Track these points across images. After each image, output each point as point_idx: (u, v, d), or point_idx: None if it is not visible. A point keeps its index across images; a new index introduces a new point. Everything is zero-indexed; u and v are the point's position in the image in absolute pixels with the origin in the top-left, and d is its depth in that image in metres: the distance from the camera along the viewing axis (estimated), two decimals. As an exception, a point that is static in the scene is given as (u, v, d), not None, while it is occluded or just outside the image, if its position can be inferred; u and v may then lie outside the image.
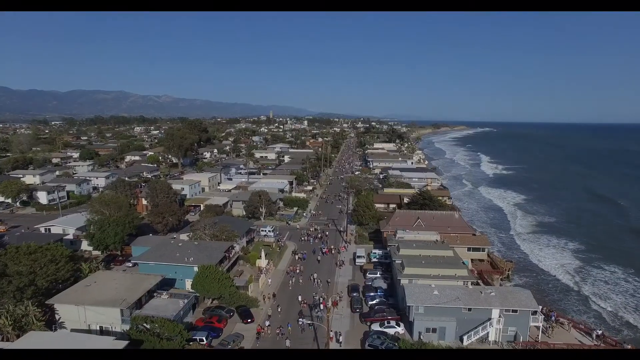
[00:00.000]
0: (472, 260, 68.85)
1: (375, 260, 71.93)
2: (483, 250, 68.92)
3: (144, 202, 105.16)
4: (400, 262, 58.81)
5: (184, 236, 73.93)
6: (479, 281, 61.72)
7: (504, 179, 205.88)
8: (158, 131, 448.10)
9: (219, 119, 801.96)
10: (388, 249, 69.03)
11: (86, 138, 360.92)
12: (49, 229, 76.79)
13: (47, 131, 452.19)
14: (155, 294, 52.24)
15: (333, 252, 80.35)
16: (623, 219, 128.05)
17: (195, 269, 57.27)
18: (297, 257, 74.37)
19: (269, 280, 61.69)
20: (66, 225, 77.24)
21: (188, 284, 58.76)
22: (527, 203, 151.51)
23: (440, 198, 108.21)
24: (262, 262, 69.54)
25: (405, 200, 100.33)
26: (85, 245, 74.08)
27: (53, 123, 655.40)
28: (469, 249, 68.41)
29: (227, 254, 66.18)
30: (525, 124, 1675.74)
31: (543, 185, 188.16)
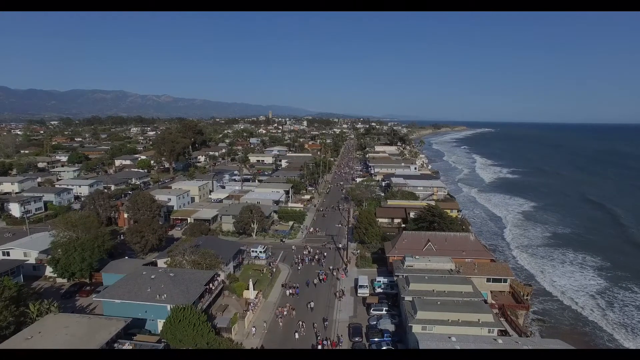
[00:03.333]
0: (491, 291, 59.76)
1: (379, 290, 62.85)
2: (505, 281, 59.74)
3: (126, 215, 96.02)
4: (410, 300, 49.72)
5: (162, 262, 64.89)
6: (503, 319, 52.76)
7: (508, 183, 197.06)
8: (154, 132, 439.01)
9: (217, 119, 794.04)
10: (395, 279, 60.02)
11: (80, 139, 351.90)
12: (8, 253, 67.46)
13: (42, 132, 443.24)
14: (116, 344, 43.21)
15: (334, 273, 71.59)
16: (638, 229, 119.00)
17: (169, 307, 48.32)
18: (288, 292, 63.51)
19: (254, 330, 51.96)
20: (28, 248, 67.94)
21: (161, 324, 49.71)
22: (535, 211, 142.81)
23: (449, 211, 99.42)
24: (250, 294, 60.55)
25: (412, 214, 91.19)
26: (50, 271, 65.00)
27: (51, 123, 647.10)
28: (488, 280, 59.29)
29: (209, 286, 57.12)
30: (525, 124, 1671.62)
31: (549, 190, 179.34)
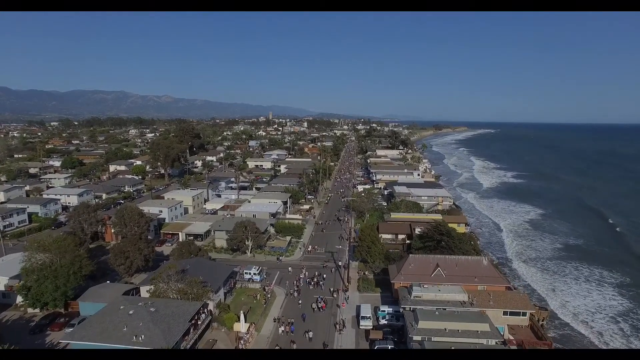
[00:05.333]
0: (508, 325, 53.79)
1: (384, 321, 56.90)
2: (524, 314, 53.71)
3: (113, 230, 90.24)
4: (419, 341, 43.80)
5: (145, 290, 59.03)
6: None
7: (510, 188, 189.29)
8: (153, 134, 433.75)
9: (217, 120, 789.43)
10: (401, 310, 54.13)
11: (77, 142, 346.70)
12: (-25, 280, 61.69)
13: (39, 134, 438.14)
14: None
15: (334, 295, 66.12)
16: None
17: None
18: (281, 330, 55.80)
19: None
20: (-4, 275, 62.12)
21: (138, 369, 43.85)
22: (542, 219, 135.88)
23: (456, 225, 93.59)
24: (241, 327, 54.68)
25: (417, 230, 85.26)
26: (21, 300, 59.11)
27: (50, 124, 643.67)
28: (505, 313, 53.30)
29: (194, 320, 51.28)
30: (526, 125, 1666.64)
31: (554, 196, 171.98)
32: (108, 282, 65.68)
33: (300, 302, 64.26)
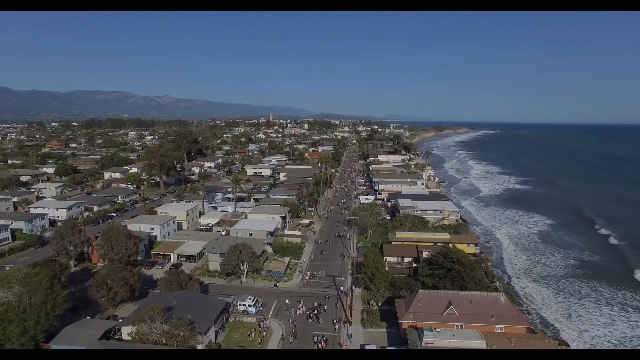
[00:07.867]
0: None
1: (391, 367, 51.09)
2: (549, 365, 47.83)
3: (99, 252, 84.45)
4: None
5: (126, 332, 53.21)
6: None
7: (513, 196, 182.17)
8: (152, 136, 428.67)
9: (217, 121, 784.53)
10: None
11: (75, 145, 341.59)
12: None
13: (37, 136, 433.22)
14: None
15: (336, 327, 61.17)
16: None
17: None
18: None
19: None
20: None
21: None
22: (553, 230, 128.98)
23: (466, 246, 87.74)
24: (232, 376, 48.86)
25: (425, 254, 79.38)
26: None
27: (50, 125, 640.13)
28: (528, 363, 47.43)
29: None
30: (527, 125, 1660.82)
31: (567, 205, 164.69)
32: (88, 317, 60.04)
33: (291, 341, 57.35)
